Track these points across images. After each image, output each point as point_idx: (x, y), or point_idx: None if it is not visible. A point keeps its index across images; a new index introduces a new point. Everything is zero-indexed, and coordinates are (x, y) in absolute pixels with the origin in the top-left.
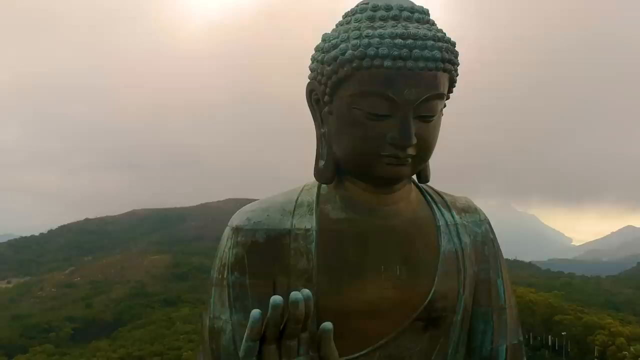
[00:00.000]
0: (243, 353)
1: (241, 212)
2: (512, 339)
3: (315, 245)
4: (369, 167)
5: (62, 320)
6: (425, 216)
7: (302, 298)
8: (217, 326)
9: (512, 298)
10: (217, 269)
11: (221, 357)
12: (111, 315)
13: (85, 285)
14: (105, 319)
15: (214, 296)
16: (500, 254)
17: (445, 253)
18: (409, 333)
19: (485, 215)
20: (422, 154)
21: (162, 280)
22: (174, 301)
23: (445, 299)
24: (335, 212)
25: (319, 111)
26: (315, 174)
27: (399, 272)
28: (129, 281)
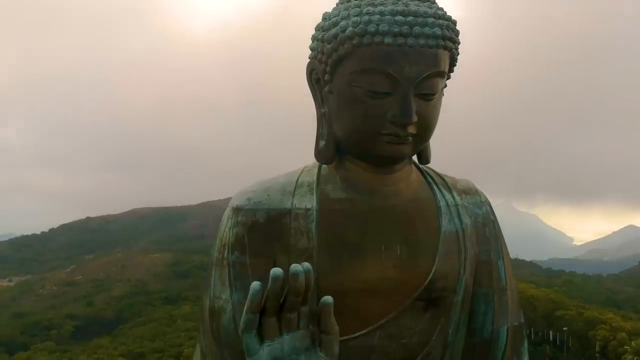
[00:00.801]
0: (243, 325)
1: (241, 192)
2: (513, 320)
3: (315, 225)
4: (370, 146)
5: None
6: (426, 197)
7: (302, 270)
8: (217, 306)
9: (513, 281)
10: (217, 249)
11: (221, 336)
12: (112, 313)
13: (86, 284)
14: (106, 316)
15: (214, 276)
16: (501, 235)
17: (446, 233)
18: (409, 313)
19: (486, 197)
20: (423, 132)
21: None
22: (175, 299)
23: (446, 279)
24: (336, 192)
25: (319, 91)
26: (316, 155)
27: (399, 252)
28: (130, 279)
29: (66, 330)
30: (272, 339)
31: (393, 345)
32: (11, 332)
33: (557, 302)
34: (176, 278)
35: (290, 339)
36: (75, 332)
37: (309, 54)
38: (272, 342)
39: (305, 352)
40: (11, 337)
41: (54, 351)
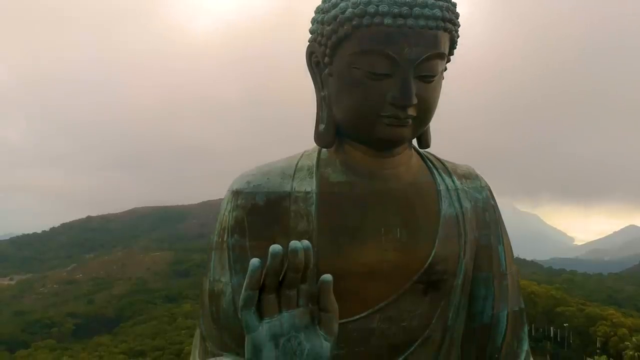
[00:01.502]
0: (242, 302)
1: (241, 176)
2: (513, 305)
3: (315, 208)
4: (369, 129)
5: (64, 316)
6: (426, 181)
7: (301, 247)
8: (217, 289)
9: (513, 266)
10: (217, 233)
11: (221, 319)
12: (113, 312)
13: (87, 282)
14: (107, 314)
15: (214, 260)
16: (501, 220)
17: (446, 217)
18: (409, 296)
19: (486, 182)
20: (423, 115)
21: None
22: (176, 297)
23: (446, 262)
24: (336, 175)
25: (319, 74)
26: (316, 138)
27: (399, 234)
28: (131, 278)
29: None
30: (271, 316)
31: (393, 328)
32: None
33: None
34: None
35: (290, 316)
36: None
37: (309, 37)
38: (271, 319)
39: (304, 330)
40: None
41: (55, 349)
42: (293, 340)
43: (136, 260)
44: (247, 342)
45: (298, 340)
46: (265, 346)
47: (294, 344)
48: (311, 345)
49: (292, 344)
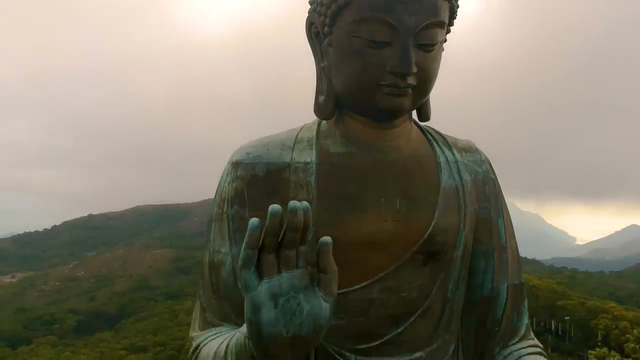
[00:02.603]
0: (241, 261)
1: (241, 148)
2: (513, 279)
3: (315, 178)
4: (369, 98)
5: (65, 313)
6: (426, 153)
7: (300, 207)
8: (216, 259)
9: (513, 240)
10: (216, 204)
11: (221, 289)
12: (115, 308)
13: (88, 279)
14: (108, 311)
15: (214, 231)
16: (501, 194)
17: (446, 188)
18: (408, 266)
19: (486, 156)
20: (422, 84)
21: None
22: (177, 294)
23: (445, 233)
24: (335, 146)
25: (318, 45)
26: (315, 110)
27: (398, 205)
28: (132, 275)
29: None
30: (270, 276)
31: (392, 298)
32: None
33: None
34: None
35: (289, 276)
36: (78, 326)
37: (308, 8)
38: (270, 279)
39: (304, 291)
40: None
41: (56, 345)
42: (292, 301)
43: (137, 257)
44: (246, 302)
45: (297, 301)
46: (265, 305)
47: (293, 304)
48: (310, 305)
49: (292, 304)
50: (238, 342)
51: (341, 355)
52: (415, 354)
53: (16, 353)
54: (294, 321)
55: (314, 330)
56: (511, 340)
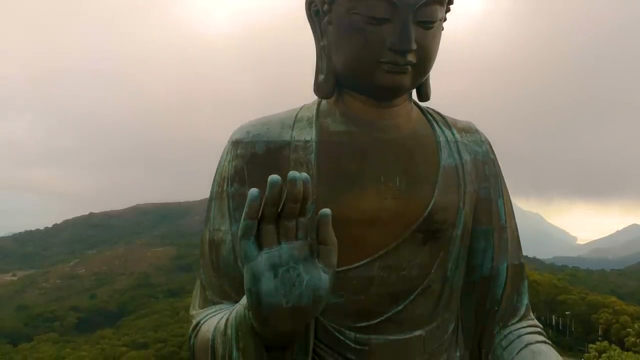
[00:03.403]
0: (241, 231)
1: (241, 127)
2: (513, 259)
3: (315, 156)
4: (369, 76)
5: (66, 310)
6: (425, 132)
7: (300, 177)
8: (217, 238)
9: (513, 221)
10: (216, 183)
11: (221, 267)
12: (115, 306)
13: (89, 277)
14: (109, 309)
15: (214, 209)
16: (501, 175)
17: (445, 167)
18: (408, 245)
19: (486, 137)
20: (422, 62)
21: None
22: (178, 292)
23: (445, 212)
24: (335, 125)
25: (318, 23)
26: (315, 89)
27: (398, 183)
28: (133, 273)
29: (69, 322)
30: (270, 247)
31: (392, 276)
32: (15, 324)
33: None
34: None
35: (289, 247)
36: (79, 324)
37: None
38: (270, 249)
39: (303, 262)
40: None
41: (57, 342)
42: (292, 271)
43: (138, 255)
44: (246, 272)
45: (297, 272)
46: (264, 275)
47: (292, 274)
48: (310, 276)
49: (291, 274)
50: (238, 314)
51: (341, 333)
52: (415, 332)
53: (17, 350)
54: (293, 292)
55: (313, 301)
56: (511, 320)
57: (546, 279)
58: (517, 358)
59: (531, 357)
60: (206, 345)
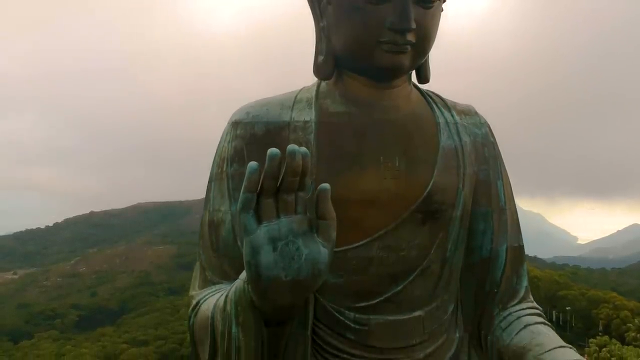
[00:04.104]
0: (241, 205)
1: (240, 108)
2: (512, 241)
3: (314, 136)
4: (368, 56)
5: (67, 308)
6: (425, 114)
7: (299, 150)
8: (216, 218)
9: (513, 203)
10: (216, 164)
11: (220, 248)
12: (116, 304)
13: (90, 275)
14: (110, 306)
15: (214, 190)
16: (500, 157)
17: (445, 148)
18: (408, 225)
19: (485, 119)
20: (421, 42)
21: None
22: (179, 290)
23: (444, 192)
24: (335, 105)
25: (317, 4)
26: (315, 71)
27: (397, 163)
28: (134, 271)
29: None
30: (269, 220)
31: (392, 257)
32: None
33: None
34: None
35: (288, 221)
36: (80, 321)
37: None
38: (269, 223)
39: (302, 236)
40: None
41: (58, 339)
42: (291, 245)
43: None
44: (245, 245)
45: (296, 246)
46: (264, 248)
47: (291, 248)
48: (309, 250)
49: (290, 248)
50: (237, 288)
51: (340, 313)
52: (414, 312)
53: (18, 347)
54: (292, 265)
55: (312, 274)
56: (510, 302)
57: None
58: (517, 339)
59: (530, 338)
60: (206, 323)
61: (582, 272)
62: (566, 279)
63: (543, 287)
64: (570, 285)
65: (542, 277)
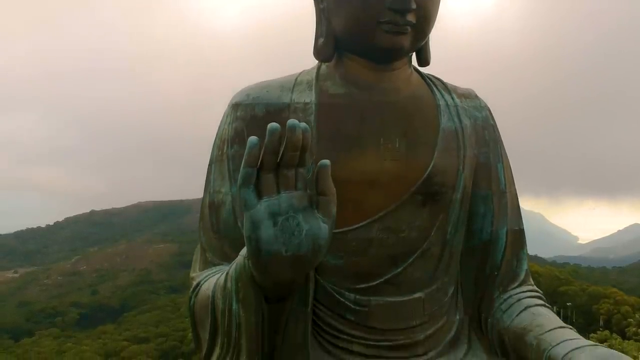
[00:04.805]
0: (241, 179)
1: (240, 91)
2: (513, 224)
3: (314, 117)
4: (369, 37)
5: (68, 306)
6: (425, 96)
7: (299, 124)
8: (217, 200)
9: (513, 187)
10: (216, 146)
11: (221, 229)
12: (117, 302)
13: (91, 274)
14: (111, 304)
15: (214, 172)
16: (500, 141)
17: (445, 130)
18: (408, 206)
19: (486, 103)
20: (421, 22)
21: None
22: (180, 288)
23: (444, 174)
24: (335, 87)
25: None
26: (315, 53)
27: (398, 145)
28: (135, 269)
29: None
30: (269, 195)
31: (392, 238)
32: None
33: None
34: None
35: (288, 197)
36: (80, 319)
37: None
38: (269, 198)
39: (302, 211)
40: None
41: (59, 337)
42: (291, 220)
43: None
44: (246, 219)
45: (296, 221)
46: (264, 223)
47: (292, 223)
48: (310, 226)
49: (290, 223)
50: (238, 265)
51: (341, 294)
52: (414, 294)
53: (19, 345)
54: (293, 240)
55: (313, 250)
56: (511, 285)
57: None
58: (517, 320)
59: (531, 319)
60: (206, 302)
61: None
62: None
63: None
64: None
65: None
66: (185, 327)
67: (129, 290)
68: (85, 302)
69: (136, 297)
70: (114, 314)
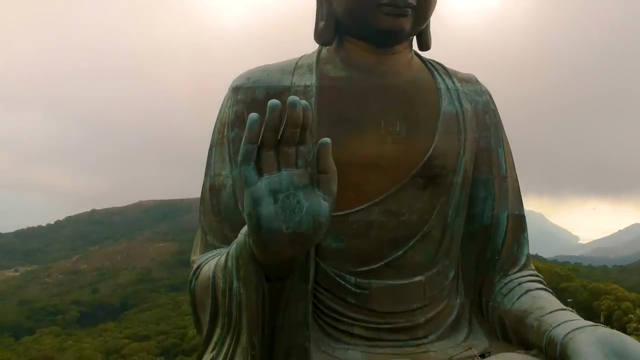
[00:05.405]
0: (241, 156)
1: (241, 75)
2: (513, 209)
3: (315, 100)
4: (369, 19)
5: (68, 305)
6: (426, 79)
7: (299, 101)
8: (217, 183)
9: (514, 171)
10: (217, 130)
11: (221, 212)
12: (118, 300)
13: (91, 272)
14: (112, 303)
15: (214, 156)
16: (501, 125)
17: (446, 114)
18: (408, 189)
19: (487, 88)
20: (422, 6)
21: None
22: (180, 286)
23: (445, 157)
24: (336, 70)
25: None
26: (315, 36)
27: (398, 128)
28: (135, 268)
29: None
30: (270, 173)
31: (392, 221)
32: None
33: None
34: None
35: (289, 174)
36: (81, 317)
37: None
38: (270, 175)
39: (303, 189)
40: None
41: (60, 335)
42: (292, 198)
43: (140, 251)
44: (246, 196)
45: (297, 199)
46: (264, 200)
47: (292, 201)
48: (310, 203)
49: (291, 201)
50: (238, 243)
51: (341, 277)
52: (415, 277)
53: (19, 343)
54: (293, 218)
55: (313, 227)
56: (511, 270)
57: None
58: (518, 303)
59: (531, 302)
60: (207, 283)
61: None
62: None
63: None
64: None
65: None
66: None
67: (130, 289)
68: (86, 300)
69: (137, 296)
70: (114, 312)
